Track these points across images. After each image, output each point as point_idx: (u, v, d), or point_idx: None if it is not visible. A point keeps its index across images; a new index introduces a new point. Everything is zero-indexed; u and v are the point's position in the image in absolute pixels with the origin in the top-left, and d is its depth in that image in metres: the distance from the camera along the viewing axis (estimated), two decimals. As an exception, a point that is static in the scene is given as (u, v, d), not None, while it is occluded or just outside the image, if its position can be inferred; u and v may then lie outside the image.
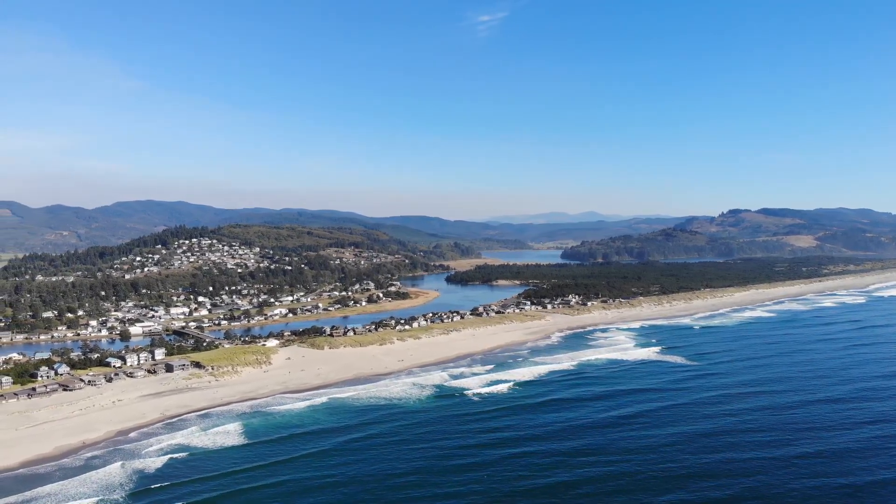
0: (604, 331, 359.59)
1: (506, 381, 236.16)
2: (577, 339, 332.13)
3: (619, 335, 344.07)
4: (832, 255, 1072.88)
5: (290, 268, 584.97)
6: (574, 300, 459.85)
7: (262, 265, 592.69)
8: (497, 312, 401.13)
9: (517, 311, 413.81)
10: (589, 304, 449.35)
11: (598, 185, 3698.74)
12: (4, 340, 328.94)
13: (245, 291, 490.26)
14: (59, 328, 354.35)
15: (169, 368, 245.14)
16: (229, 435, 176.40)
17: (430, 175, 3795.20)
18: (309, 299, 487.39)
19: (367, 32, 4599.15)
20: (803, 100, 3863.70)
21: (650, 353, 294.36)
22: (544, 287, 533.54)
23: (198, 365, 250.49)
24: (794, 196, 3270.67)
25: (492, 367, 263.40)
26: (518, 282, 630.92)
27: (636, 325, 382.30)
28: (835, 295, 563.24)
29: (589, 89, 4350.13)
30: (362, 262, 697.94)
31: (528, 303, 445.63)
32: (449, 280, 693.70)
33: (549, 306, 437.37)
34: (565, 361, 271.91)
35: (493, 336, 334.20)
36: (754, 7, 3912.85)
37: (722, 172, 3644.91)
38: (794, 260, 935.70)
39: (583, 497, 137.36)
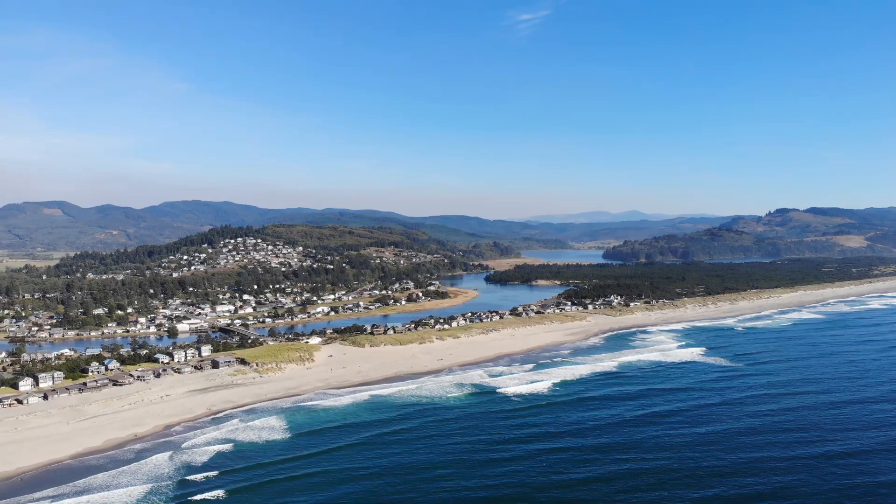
0: (646, 332, 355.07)
1: (545, 381, 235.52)
2: (619, 341, 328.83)
3: (661, 336, 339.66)
4: (883, 255, 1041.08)
5: (331, 267, 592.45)
6: (616, 301, 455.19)
7: (304, 264, 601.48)
8: (537, 313, 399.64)
9: (557, 311, 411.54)
10: (631, 304, 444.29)
11: (641, 184, 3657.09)
12: (56, 337, 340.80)
13: (288, 290, 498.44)
14: (109, 325, 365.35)
15: (215, 365, 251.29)
16: (273, 430, 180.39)
17: (470, 175, 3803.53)
18: (350, 298, 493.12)
19: (407, 34, 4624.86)
20: (853, 98, 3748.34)
21: (692, 354, 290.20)
22: (585, 287, 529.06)
23: (243, 361, 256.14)
24: (843, 195, 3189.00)
25: (531, 367, 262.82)
26: (558, 282, 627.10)
27: (679, 326, 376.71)
28: (884, 296, 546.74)
29: (632, 88, 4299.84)
30: (402, 262, 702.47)
31: (569, 303, 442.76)
32: (488, 280, 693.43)
33: (591, 307, 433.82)
34: (606, 362, 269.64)
35: (532, 336, 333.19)
36: (798, 7, 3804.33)
37: (769, 171, 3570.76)
38: (844, 261, 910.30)
39: (619, 493, 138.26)
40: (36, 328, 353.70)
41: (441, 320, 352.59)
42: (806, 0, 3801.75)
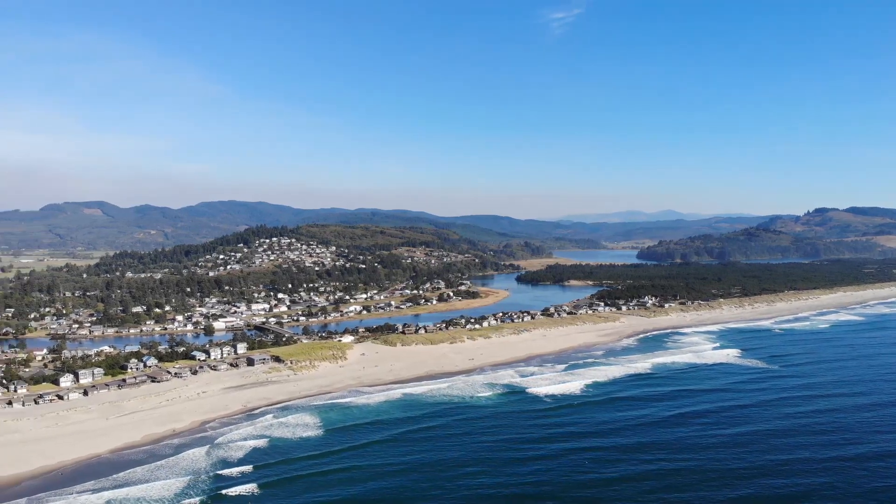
0: (681, 333, 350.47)
1: (576, 382, 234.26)
2: (653, 342, 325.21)
3: (696, 338, 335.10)
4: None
5: (364, 266, 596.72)
6: (650, 302, 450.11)
7: (337, 263, 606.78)
8: (569, 313, 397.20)
9: (590, 312, 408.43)
10: (666, 305, 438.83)
11: (676, 183, 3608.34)
12: (96, 334, 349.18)
13: (322, 289, 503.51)
14: (148, 323, 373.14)
15: (250, 362, 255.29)
16: (307, 427, 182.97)
17: (502, 175, 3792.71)
18: (382, 297, 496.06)
19: (440, 36, 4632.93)
20: (894, 97, 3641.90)
21: (727, 356, 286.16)
22: (619, 288, 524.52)
23: (277, 359, 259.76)
24: (884, 194, 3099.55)
25: (563, 367, 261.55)
26: (591, 282, 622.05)
27: (715, 327, 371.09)
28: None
29: (668, 88, 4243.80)
30: (433, 262, 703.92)
31: (602, 304, 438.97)
32: (519, 280, 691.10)
33: (624, 308, 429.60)
34: (639, 364, 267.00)
35: (564, 337, 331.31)
36: (830, 9, 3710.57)
37: (808, 170, 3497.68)
38: (885, 261, 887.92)
39: (648, 493, 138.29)
40: (76, 325, 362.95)
41: (472, 320, 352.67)
42: (837, 2, 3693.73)
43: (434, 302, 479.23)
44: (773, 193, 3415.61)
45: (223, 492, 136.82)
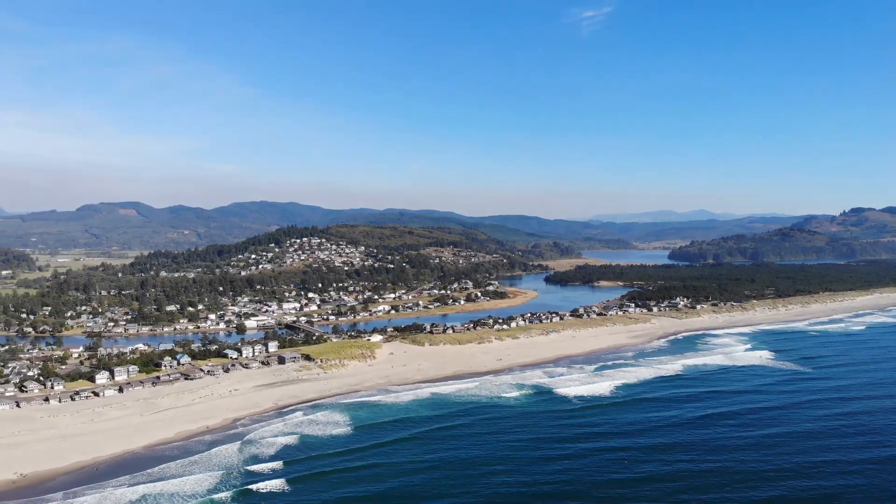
0: (713, 335, 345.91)
1: (606, 383, 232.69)
2: (684, 344, 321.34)
3: (728, 340, 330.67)
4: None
5: (392, 266, 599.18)
6: (682, 303, 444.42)
7: (366, 263, 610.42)
8: (598, 314, 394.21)
9: (620, 313, 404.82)
10: (698, 307, 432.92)
11: (709, 183, 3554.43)
12: (131, 332, 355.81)
13: (351, 288, 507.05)
14: (181, 321, 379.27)
15: (281, 360, 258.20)
16: (336, 424, 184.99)
17: (529, 174, 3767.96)
18: (410, 297, 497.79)
19: (468, 35, 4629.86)
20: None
21: (760, 358, 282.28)
22: (650, 289, 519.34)
23: (307, 358, 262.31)
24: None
25: (592, 369, 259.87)
26: (621, 283, 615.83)
27: (748, 329, 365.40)
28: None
29: (696, 85, 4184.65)
30: (461, 262, 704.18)
31: (632, 305, 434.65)
32: (548, 280, 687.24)
33: (655, 309, 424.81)
34: (670, 365, 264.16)
35: (594, 338, 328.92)
36: (859, 7, 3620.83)
37: (844, 169, 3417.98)
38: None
39: (677, 493, 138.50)
40: (112, 324, 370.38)
41: (500, 320, 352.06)
42: (871, 3, 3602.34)
43: (462, 302, 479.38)
44: (809, 193, 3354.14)
45: (254, 487, 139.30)
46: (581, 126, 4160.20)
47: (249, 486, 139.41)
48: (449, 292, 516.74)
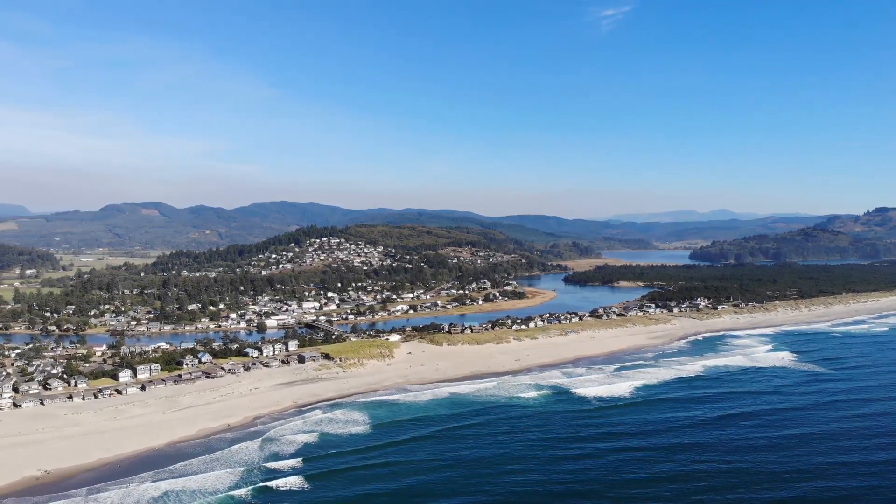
0: (734, 336, 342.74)
1: (625, 384, 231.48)
2: (705, 345, 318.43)
3: (749, 341, 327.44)
4: None
5: (410, 266, 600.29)
6: (703, 304, 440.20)
7: (384, 263, 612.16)
8: (618, 315, 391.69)
9: (640, 313, 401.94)
10: (719, 307, 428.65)
11: (730, 182, 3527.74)
12: (153, 331, 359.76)
13: (370, 288, 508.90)
14: (203, 320, 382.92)
15: (301, 359, 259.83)
16: (355, 423, 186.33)
17: (548, 174, 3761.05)
18: (428, 297, 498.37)
19: (486, 33, 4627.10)
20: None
21: (781, 359, 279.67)
22: (670, 289, 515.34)
23: (327, 357, 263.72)
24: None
25: (611, 370, 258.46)
26: (641, 283, 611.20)
27: (769, 330, 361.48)
28: None
29: (717, 83, 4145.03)
30: (479, 262, 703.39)
31: (653, 305, 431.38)
32: (567, 280, 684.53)
33: (676, 310, 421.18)
34: (691, 367, 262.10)
35: (613, 339, 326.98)
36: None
37: (868, 168, 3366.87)
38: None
39: (695, 493, 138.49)
40: (134, 322, 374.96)
41: (518, 321, 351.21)
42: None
43: (480, 302, 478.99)
44: (832, 192, 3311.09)
45: (274, 483, 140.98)
46: (601, 125, 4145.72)
47: (269, 483, 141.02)
48: (467, 292, 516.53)
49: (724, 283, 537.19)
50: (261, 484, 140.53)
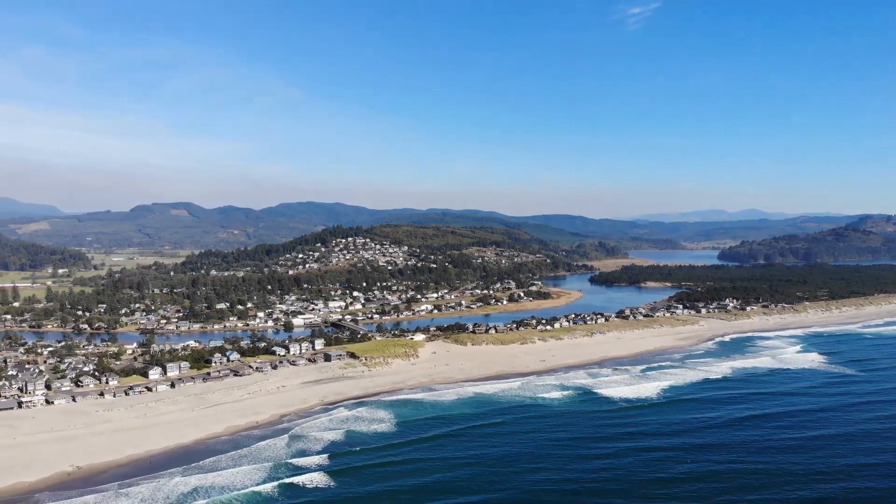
0: (763, 338, 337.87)
1: (651, 386, 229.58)
2: (733, 346, 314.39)
3: (779, 342, 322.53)
4: None
5: (434, 266, 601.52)
6: (731, 304, 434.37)
7: (409, 263, 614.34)
8: (645, 316, 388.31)
9: (667, 314, 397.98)
10: (748, 308, 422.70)
11: (760, 181, 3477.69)
12: (183, 329, 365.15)
13: (394, 287, 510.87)
14: (231, 319, 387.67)
15: (327, 358, 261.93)
16: (381, 421, 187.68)
17: (574, 173, 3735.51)
18: (452, 296, 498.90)
19: (513, 33, 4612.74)
20: None
21: (811, 361, 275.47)
22: (698, 290, 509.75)
23: (352, 355, 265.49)
24: None
25: (638, 371, 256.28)
26: (669, 284, 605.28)
27: (799, 332, 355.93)
28: None
29: (746, 82, 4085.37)
30: (503, 262, 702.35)
31: (680, 306, 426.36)
32: (592, 281, 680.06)
33: (704, 311, 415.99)
34: (718, 368, 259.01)
35: (640, 340, 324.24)
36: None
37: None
38: None
39: (720, 493, 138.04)
40: (164, 321, 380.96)
41: (543, 321, 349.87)
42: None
43: (504, 302, 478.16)
44: (864, 192, 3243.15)
45: (301, 479, 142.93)
46: (627, 123, 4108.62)
47: (296, 479, 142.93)
48: (491, 292, 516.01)
49: (754, 283, 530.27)
50: (287, 480, 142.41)
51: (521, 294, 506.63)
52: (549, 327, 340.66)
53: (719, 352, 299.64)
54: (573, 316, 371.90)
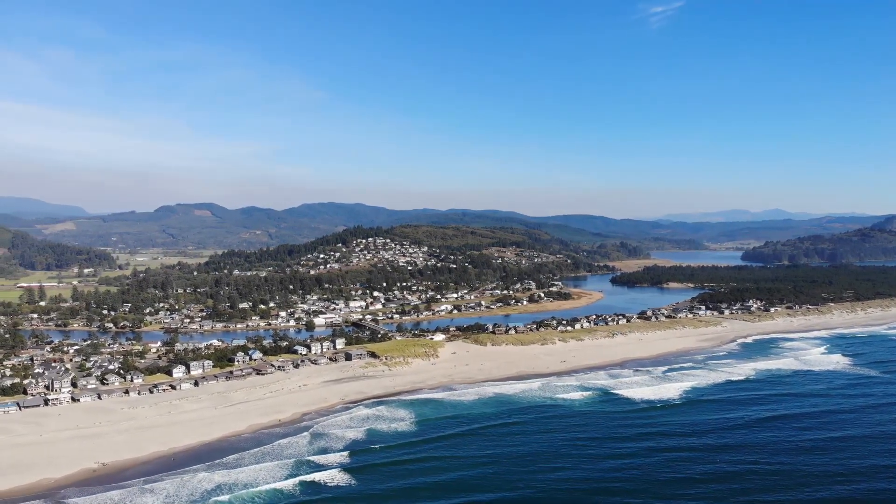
0: (787, 339, 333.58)
1: (673, 387, 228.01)
2: (756, 348, 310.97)
3: (803, 344, 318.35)
4: None
5: (454, 266, 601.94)
6: (755, 306, 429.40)
7: (429, 263, 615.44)
8: (667, 317, 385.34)
9: (690, 315, 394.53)
10: (772, 310, 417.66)
11: (784, 181, 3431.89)
12: (206, 328, 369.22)
13: (414, 287, 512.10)
14: (253, 318, 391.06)
15: (348, 357, 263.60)
16: (401, 420, 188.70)
17: (596, 173, 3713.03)
18: (472, 297, 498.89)
19: (534, 33, 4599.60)
20: None
21: (835, 363, 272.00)
22: (721, 291, 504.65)
23: (373, 355, 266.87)
24: None
25: (659, 372, 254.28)
26: (691, 284, 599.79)
27: (824, 333, 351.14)
28: None
29: (770, 81, 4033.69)
30: (523, 262, 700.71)
31: (703, 307, 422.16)
32: (614, 281, 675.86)
33: (727, 312, 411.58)
34: (741, 370, 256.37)
35: (662, 341, 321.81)
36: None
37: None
38: None
39: (738, 493, 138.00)
40: (188, 320, 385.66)
41: (564, 322, 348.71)
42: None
43: (524, 302, 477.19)
44: (890, 191, 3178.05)
45: (322, 477, 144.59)
46: (649, 123, 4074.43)
47: (317, 476, 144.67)
48: (511, 293, 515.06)
49: (777, 284, 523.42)
50: (309, 477, 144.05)
51: (542, 295, 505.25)
52: (569, 328, 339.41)
53: (742, 353, 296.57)
54: (594, 317, 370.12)
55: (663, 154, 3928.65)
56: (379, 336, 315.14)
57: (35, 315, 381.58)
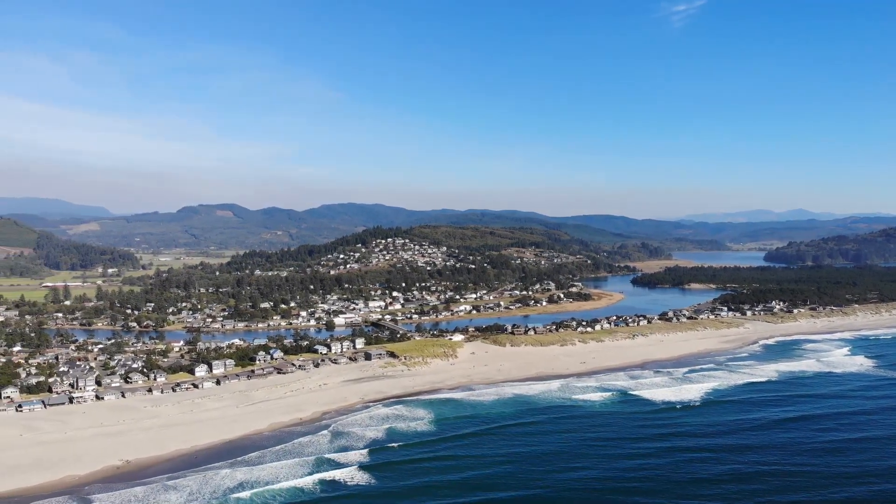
0: (810, 341, 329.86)
1: (694, 388, 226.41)
2: (779, 350, 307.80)
3: (826, 346, 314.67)
4: None
5: (473, 266, 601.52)
6: (777, 307, 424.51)
7: (448, 263, 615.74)
8: (689, 318, 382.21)
9: (712, 317, 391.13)
10: (795, 311, 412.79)
11: (808, 180, 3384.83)
12: (228, 328, 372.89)
13: (433, 288, 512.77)
14: (274, 318, 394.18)
15: (367, 357, 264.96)
16: (420, 420, 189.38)
17: (616, 173, 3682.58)
18: (491, 297, 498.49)
19: (555, 32, 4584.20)
20: None
21: (859, 365, 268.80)
22: (744, 292, 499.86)
23: (392, 355, 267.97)
24: None
25: (680, 374, 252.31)
26: (713, 285, 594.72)
27: (848, 335, 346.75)
28: None
29: (794, 81, 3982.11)
30: (543, 262, 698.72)
31: (725, 308, 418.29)
32: (634, 282, 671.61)
33: (749, 313, 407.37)
34: (764, 372, 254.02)
35: (683, 343, 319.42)
36: None
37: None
38: None
39: (760, 493, 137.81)
40: (210, 319, 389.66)
41: (583, 323, 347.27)
42: None
43: (543, 303, 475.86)
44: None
45: (342, 475, 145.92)
46: (671, 122, 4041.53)
47: (337, 474, 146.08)
48: (530, 293, 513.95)
49: (801, 285, 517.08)
50: (329, 474, 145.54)
51: (561, 295, 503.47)
52: (589, 329, 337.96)
53: (764, 355, 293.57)
54: (614, 318, 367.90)
55: (685, 154, 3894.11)
56: (398, 336, 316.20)
57: (60, 314, 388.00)
